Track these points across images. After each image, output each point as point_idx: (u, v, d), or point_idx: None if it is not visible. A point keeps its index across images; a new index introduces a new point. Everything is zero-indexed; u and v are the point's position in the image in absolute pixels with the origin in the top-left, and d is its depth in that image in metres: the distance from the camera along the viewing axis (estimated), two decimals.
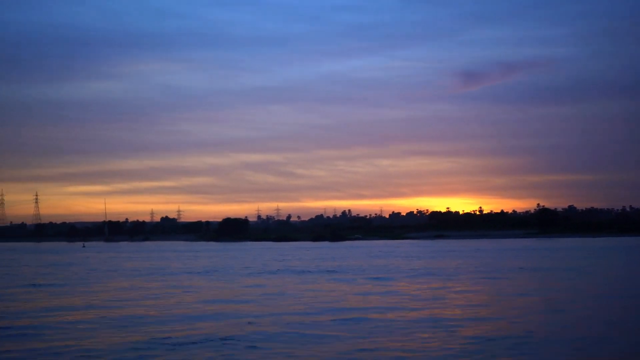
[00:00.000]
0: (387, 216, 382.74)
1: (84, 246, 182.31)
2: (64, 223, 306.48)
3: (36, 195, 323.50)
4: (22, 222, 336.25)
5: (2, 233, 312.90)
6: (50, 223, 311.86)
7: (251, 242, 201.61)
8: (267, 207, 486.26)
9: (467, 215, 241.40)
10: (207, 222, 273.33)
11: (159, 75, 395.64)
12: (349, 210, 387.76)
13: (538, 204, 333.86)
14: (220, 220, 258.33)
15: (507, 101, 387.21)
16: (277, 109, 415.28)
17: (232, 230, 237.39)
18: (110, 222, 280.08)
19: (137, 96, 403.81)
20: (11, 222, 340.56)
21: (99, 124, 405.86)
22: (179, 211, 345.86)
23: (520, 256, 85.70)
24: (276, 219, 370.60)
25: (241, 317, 28.77)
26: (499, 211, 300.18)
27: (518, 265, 65.50)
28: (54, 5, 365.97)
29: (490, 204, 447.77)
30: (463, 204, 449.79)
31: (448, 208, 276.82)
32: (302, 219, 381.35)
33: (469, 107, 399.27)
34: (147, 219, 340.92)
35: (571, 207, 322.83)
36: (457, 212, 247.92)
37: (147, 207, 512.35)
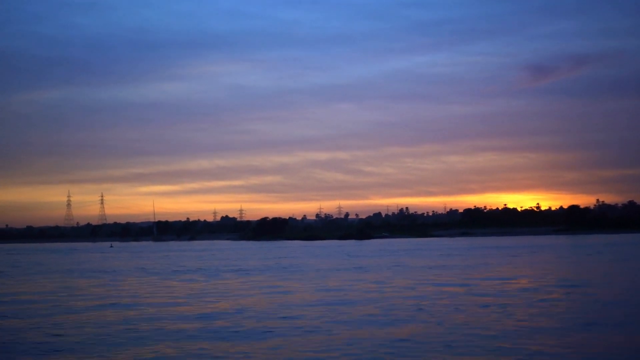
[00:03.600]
0: (446, 213, 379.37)
1: (111, 246, 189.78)
2: (116, 223, 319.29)
3: (101, 197, 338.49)
4: (88, 223, 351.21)
5: (66, 233, 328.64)
6: (105, 224, 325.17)
7: (284, 241, 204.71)
8: (333, 204, 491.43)
9: (497, 212, 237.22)
10: (249, 222, 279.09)
11: (226, 75, 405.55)
12: (407, 208, 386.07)
13: (597, 200, 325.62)
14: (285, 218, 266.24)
15: (577, 95, 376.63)
16: (344, 107, 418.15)
17: (270, 229, 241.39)
18: (159, 222, 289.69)
19: (206, 97, 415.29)
20: (77, 222, 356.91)
21: (168, 125, 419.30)
22: (240, 210, 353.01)
23: (467, 254, 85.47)
24: (334, 217, 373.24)
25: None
26: (557, 207, 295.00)
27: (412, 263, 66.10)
28: (124, 10, 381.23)
29: (560, 200, 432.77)
30: (530, 200, 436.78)
31: (505, 205, 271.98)
32: (361, 216, 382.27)
33: (538, 102, 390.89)
34: (210, 218, 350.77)
35: (631, 202, 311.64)
36: (489, 209, 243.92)
37: (217, 206, 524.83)
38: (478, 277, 47.51)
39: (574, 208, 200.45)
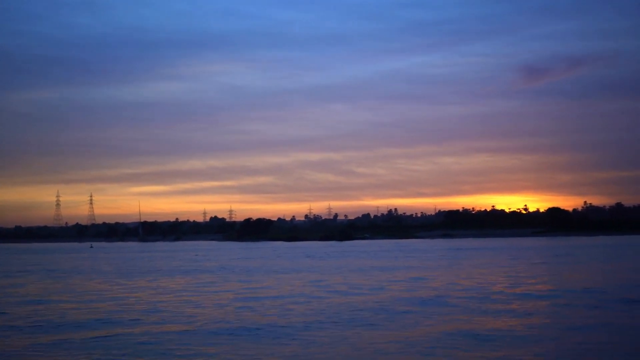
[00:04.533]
0: (434, 214, 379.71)
1: (91, 247, 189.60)
2: (104, 223, 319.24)
3: (90, 197, 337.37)
4: (76, 223, 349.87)
5: (54, 233, 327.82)
6: (93, 224, 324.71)
7: (267, 242, 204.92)
8: (324, 205, 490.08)
9: (480, 213, 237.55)
10: (233, 222, 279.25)
11: (221, 75, 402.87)
12: (396, 209, 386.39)
13: (585, 202, 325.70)
14: (274, 219, 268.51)
15: (572, 96, 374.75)
16: (338, 107, 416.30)
17: (254, 230, 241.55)
18: (145, 222, 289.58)
19: (200, 97, 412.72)
20: (66, 222, 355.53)
21: (165, 125, 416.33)
22: (230, 211, 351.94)
23: (417, 256, 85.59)
24: (323, 218, 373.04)
25: None
26: (545, 209, 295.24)
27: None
28: (122, 9, 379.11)
29: (552, 202, 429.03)
30: (521, 202, 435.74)
31: (493, 206, 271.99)
32: (351, 217, 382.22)
33: (533, 103, 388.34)
34: (200, 218, 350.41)
35: (618, 205, 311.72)
36: (477, 211, 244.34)
37: (208, 207, 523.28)
38: (384, 280, 48.05)
39: (554, 210, 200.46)
